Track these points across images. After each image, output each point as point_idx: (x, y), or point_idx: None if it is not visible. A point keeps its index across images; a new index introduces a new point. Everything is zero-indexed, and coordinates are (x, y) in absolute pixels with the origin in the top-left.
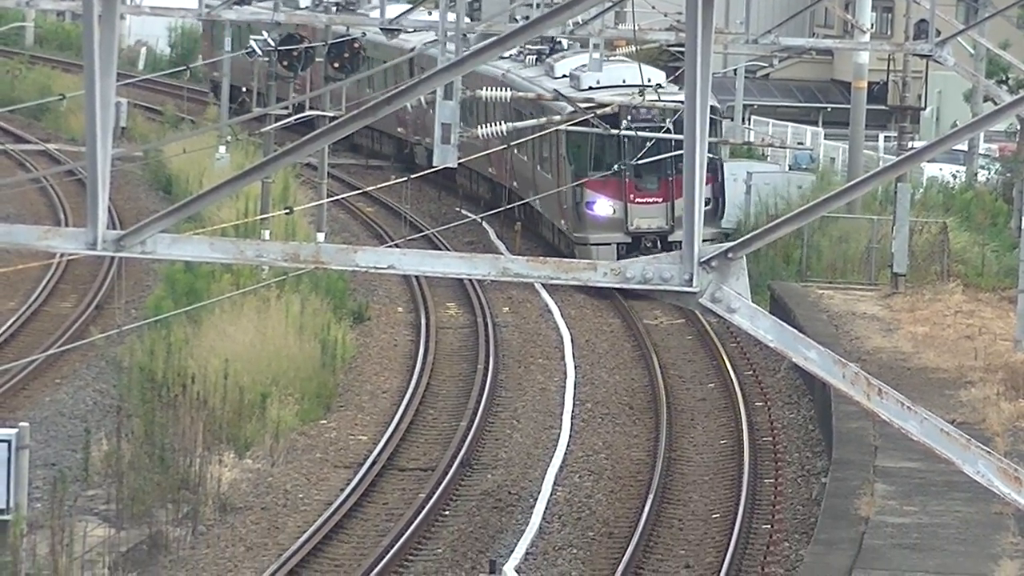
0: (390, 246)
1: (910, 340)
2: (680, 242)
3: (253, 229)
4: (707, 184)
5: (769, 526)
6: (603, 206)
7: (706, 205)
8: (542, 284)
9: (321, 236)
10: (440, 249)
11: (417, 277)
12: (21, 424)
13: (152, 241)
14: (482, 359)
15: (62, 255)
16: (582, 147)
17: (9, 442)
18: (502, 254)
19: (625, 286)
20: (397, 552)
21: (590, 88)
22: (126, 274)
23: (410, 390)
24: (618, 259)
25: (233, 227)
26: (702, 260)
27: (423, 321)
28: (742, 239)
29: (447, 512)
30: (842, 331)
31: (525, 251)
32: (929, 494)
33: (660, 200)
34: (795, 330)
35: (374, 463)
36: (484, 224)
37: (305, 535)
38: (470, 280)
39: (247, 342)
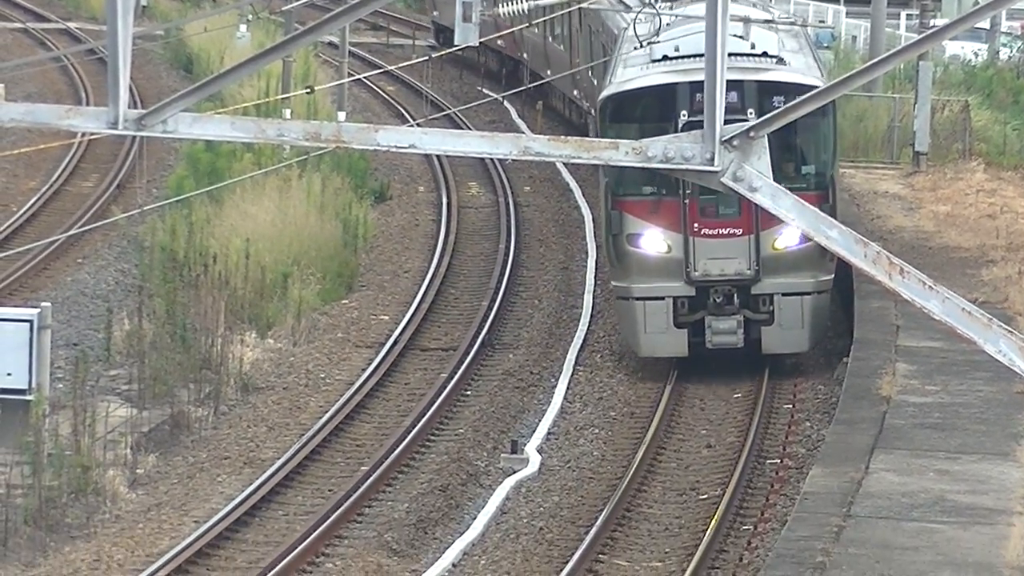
0: (412, 125)
1: (932, 219)
2: (767, 296)
3: (274, 108)
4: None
5: (791, 406)
6: (653, 240)
7: (809, 239)
8: (563, 163)
9: (342, 115)
10: (462, 128)
11: (438, 156)
12: (43, 304)
13: (173, 120)
14: (503, 238)
15: (83, 134)
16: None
17: (31, 322)
18: (523, 133)
19: (647, 165)
20: (419, 432)
21: (664, 59)
22: (147, 153)
23: (431, 270)
24: (677, 320)
25: (254, 106)
26: (724, 139)
27: (444, 200)
28: (764, 117)
29: (468, 392)
30: (864, 210)
31: (546, 130)
32: (951, 373)
33: (740, 232)
34: (817, 209)
35: (396, 343)
36: (506, 103)
37: (327, 415)
38: (492, 159)
39: (268, 221)
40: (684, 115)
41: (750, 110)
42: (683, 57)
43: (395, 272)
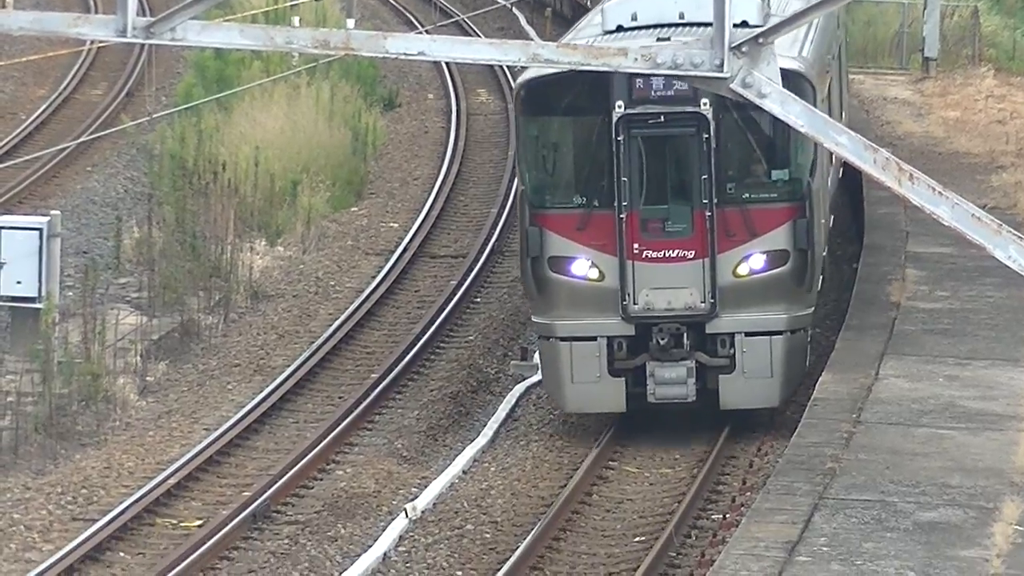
0: (420, 32)
1: (941, 125)
2: (727, 336)
3: (283, 16)
4: (782, 224)
5: None
6: (582, 265)
7: (781, 264)
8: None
9: (351, 23)
10: (470, 35)
11: (447, 63)
12: (52, 212)
13: (182, 28)
14: (513, 145)
15: (92, 42)
16: (548, 149)
17: (40, 230)
18: (532, 40)
19: (654, 72)
20: (429, 340)
21: (619, 29)
22: (156, 61)
23: (441, 177)
24: (612, 367)
25: (263, 14)
26: (733, 45)
27: (454, 107)
28: (772, 24)
29: (478, 299)
30: (873, 116)
31: (555, 37)
32: (960, 279)
33: (691, 255)
34: (825, 115)
35: (405, 250)
36: (515, 10)
37: (337, 322)
38: (501, 66)
39: (277, 129)
40: (620, 106)
41: (704, 99)
42: (640, 28)
43: (404, 179)
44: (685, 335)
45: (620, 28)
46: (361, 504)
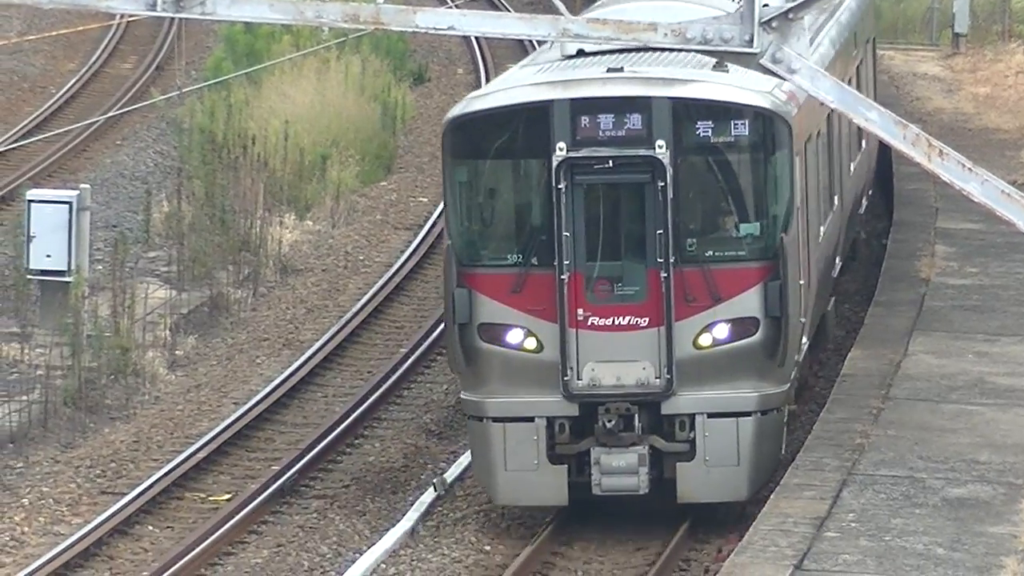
0: (450, 7)
1: (971, 101)
2: (686, 418)
3: None
4: (752, 287)
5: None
6: (517, 333)
7: (749, 333)
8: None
9: None
10: (500, 10)
11: (477, 38)
12: (82, 186)
13: (212, 2)
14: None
15: (122, 16)
16: (479, 198)
17: (70, 204)
18: (562, 15)
19: (686, 48)
20: None
21: (581, 54)
22: (186, 35)
23: None
24: (552, 453)
25: None
26: (763, 20)
27: (483, 82)
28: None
29: None
30: (903, 92)
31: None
32: (990, 255)
33: (645, 322)
34: (855, 91)
35: (434, 224)
36: None
37: (366, 297)
38: (530, 41)
39: (307, 103)
40: (561, 148)
41: (660, 141)
42: (605, 54)
43: (433, 154)
44: (637, 416)
45: (581, 53)
46: (389, 478)
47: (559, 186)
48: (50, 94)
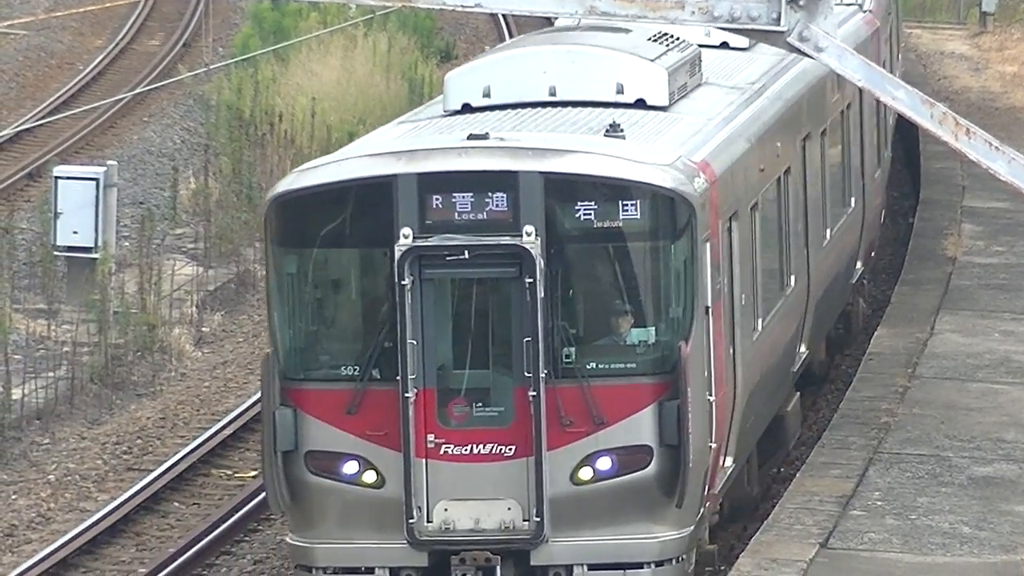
0: None
1: (998, 79)
2: (561, 570)
3: None
4: (643, 408)
5: None
6: (352, 463)
7: (640, 466)
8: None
9: None
10: None
11: (504, 15)
12: (109, 162)
13: None
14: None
15: None
16: (308, 295)
17: (97, 180)
18: None
19: (713, 24)
20: None
21: (466, 109)
22: (213, 12)
23: None
24: None
25: None
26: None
27: None
28: None
29: None
30: (930, 71)
31: None
32: (1016, 234)
33: (511, 451)
34: (883, 69)
35: None
36: None
37: None
38: (558, 18)
39: (334, 80)
40: (406, 235)
41: (529, 227)
42: (495, 108)
43: None
44: (500, 569)
45: (467, 108)
46: None
47: (403, 282)
48: (77, 71)
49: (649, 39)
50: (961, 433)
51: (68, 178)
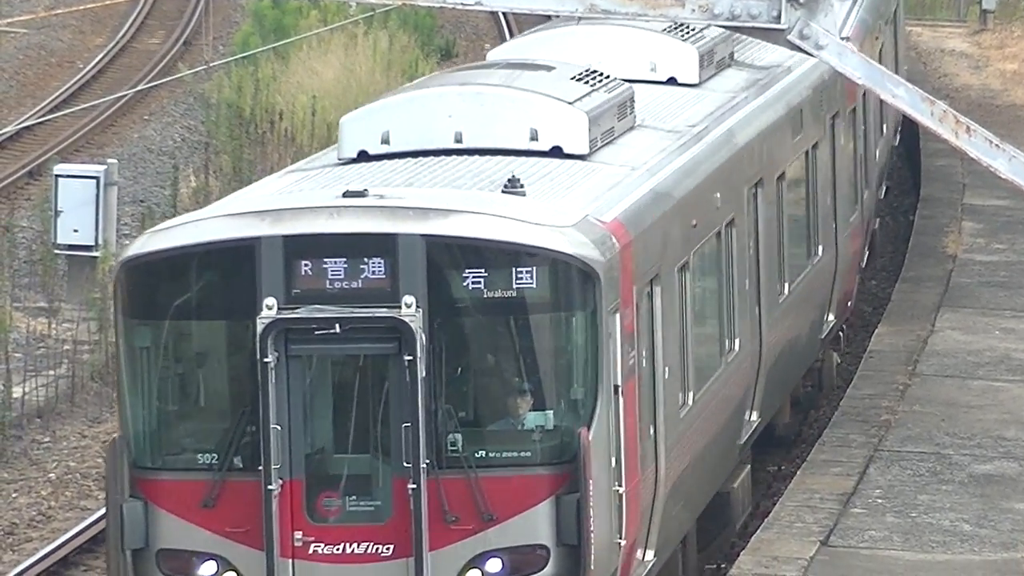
0: None
1: (999, 77)
2: None
3: None
4: (539, 503)
5: None
6: (208, 568)
7: (534, 568)
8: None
9: None
10: None
11: (505, 13)
12: (109, 161)
13: None
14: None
15: None
16: (160, 373)
17: (98, 179)
18: None
19: (713, 22)
20: None
21: (363, 157)
22: (214, 10)
23: None
24: None
25: None
26: None
27: None
28: None
29: None
30: (930, 68)
31: None
32: (1017, 232)
33: (388, 551)
34: (883, 67)
35: None
36: None
37: None
38: (558, 16)
39: (334, 78)
40: (269, 306)
41: (409, 298)
42: (394, 156)
43: None
44: None
45: (364, 156)
46: None
47: (266, 359)
48: (77, 69)
49: (573, 78)
50: (962, 431)
51: (68, 176)
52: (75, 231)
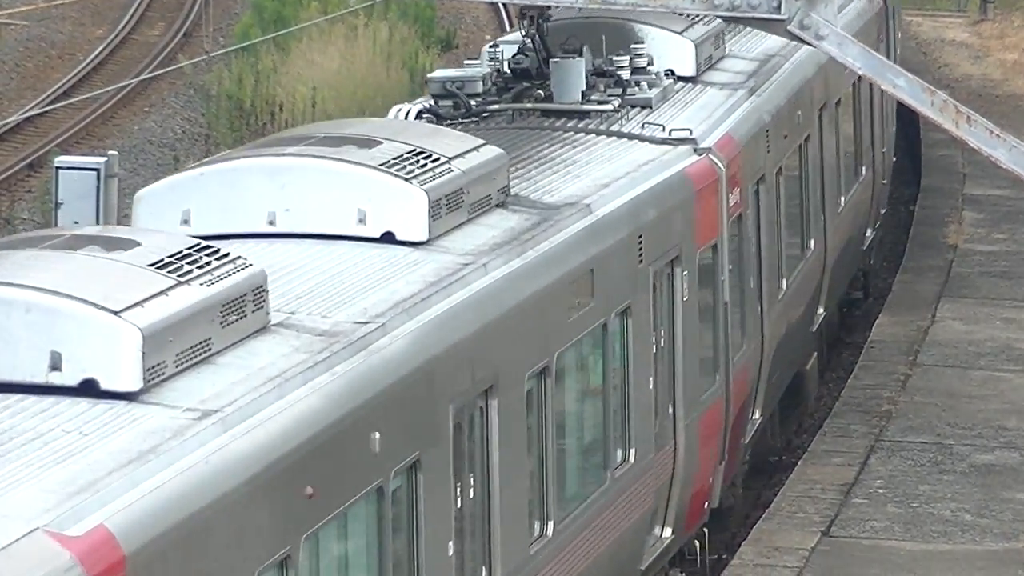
0: None
1: (999, 67)
2: None
3: None
4: None
5: None
6: None
7: None
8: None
9: None
10: None
11: (504, 4)
12: (110, 152)
13: None
14: None
15: None
16: None
17: (98, 170)
18: None
19: (713, 12)
20: None
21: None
22: (214, 1)
23: None
24: None
25: None
26: None
27: None
28: None
29: None
30: (931, 58)
31: None
32: (1018, 222)
33: None
34: (883, 57)
35: None
36: None
37: None
38: (558, 7)
39: (334, 70)
40: None
41: None
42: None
43: None
44: None
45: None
46: None
47: None
48: (77, 61)
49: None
50: (962, 421)
51: (68, 168)
52: (75, 223)
